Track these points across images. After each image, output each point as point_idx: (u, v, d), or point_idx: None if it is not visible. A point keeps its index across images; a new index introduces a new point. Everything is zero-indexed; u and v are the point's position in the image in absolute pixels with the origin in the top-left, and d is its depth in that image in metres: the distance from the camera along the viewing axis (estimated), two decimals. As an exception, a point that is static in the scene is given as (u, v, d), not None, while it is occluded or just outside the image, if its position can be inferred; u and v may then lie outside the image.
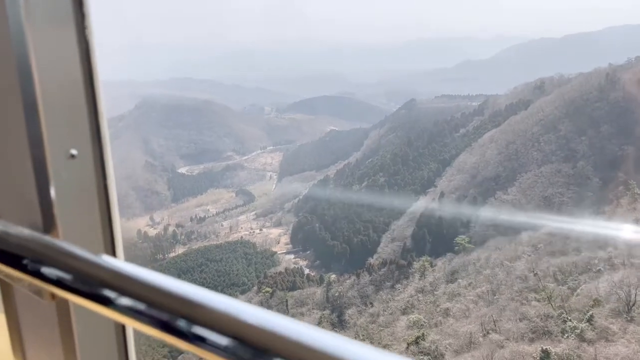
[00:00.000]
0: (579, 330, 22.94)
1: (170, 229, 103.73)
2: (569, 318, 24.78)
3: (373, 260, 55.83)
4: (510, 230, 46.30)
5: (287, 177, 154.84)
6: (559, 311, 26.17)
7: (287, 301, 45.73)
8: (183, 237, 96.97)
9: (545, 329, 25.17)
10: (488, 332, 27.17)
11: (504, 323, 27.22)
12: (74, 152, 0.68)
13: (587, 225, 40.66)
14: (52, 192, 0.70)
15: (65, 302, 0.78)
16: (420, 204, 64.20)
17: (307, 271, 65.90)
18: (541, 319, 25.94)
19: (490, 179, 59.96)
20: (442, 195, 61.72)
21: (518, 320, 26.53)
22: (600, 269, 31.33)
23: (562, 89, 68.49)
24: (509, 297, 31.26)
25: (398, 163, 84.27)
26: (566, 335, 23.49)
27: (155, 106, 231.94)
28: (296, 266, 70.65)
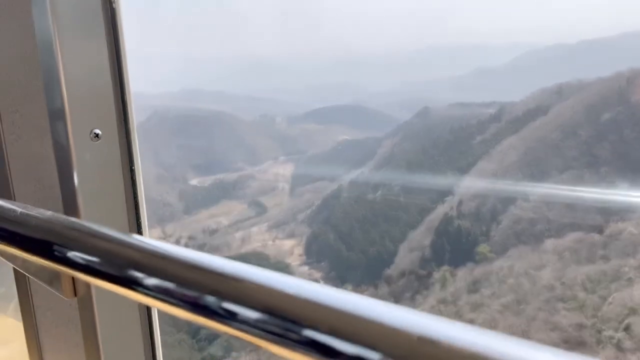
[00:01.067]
0: (615, 340, 22.79)
1: (182, 241, 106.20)
2: (604, 327, 24.62)
3: (391, 271, 55.82)
4: (533, 238, 45.69)
5: (300, 188, 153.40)
6: (592, 320, 25.99)
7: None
8: (195, 249, 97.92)
9: (580, 339, 25.03)
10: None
11: (534, 333, 27.12)
12: (98, 131, 0.68)
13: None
14: (75, 175, 0.67)
15: (88, 299, 0.75)
16: (438, 213, 64.59)
17: (322, 282, 65.71)
18: (574, 328, 25.76)
19: (509, 187, 59.71)
20: (460, 203, 61.80)
21: (549, 331, 26.35)
22: (630, 277, 31.05)
23: (581, 94, 68.17)
24: (537, 307, 31.11)
25: (414, 172, 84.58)
26: (602, 345, 23.34)
27: (167, 118, 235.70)
28: (311, 277, 70.96)
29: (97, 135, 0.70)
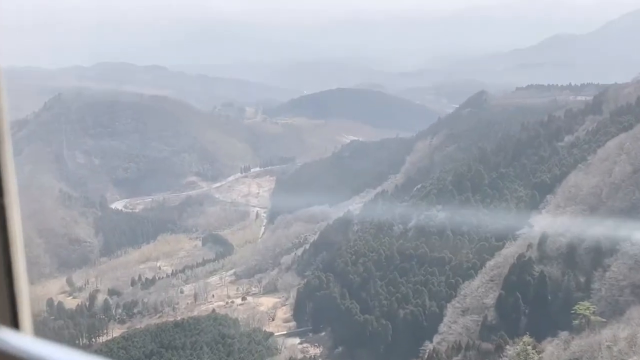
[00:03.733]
0: None
1: (100, 297, 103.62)
2: None
3: (435, 345, 54.42)
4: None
5: (285, 215, 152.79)
6: None
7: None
8: (120, 310, 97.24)
9: None
10: None
11: None
12: None
13: None
14: None
15: None
16: (508, 254, 63.22)
17: (321, 365, 64.14)
18: None
19: (621, 211, 58.77)
20: (543, 238, 60.62)
21: None
22: None
23: None
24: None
25: (466, 189, 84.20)
26: None
27: (77, 106, 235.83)
28: (305, 356, 68.97)
29: None
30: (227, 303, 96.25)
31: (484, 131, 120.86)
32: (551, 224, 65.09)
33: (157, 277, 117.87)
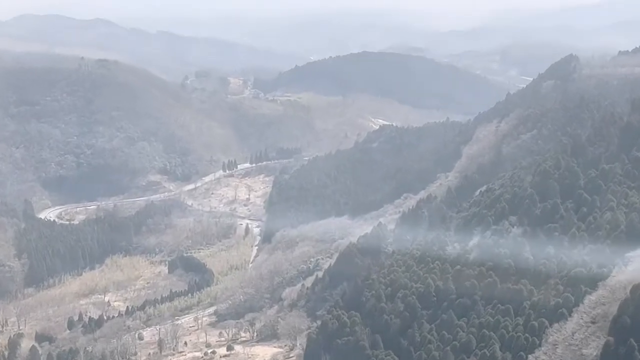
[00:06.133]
0: None
1: (25, 344, 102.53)
2: None
3: None
4: None
5: (286, 231, 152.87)
6: None
7: None
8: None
9: None
10: None
11: None
12: None
13: None
14: None
15: None
16: (616, 285, 62.31)
17: None
18: None
19: None
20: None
21: None
22: None
23: None
24: None
25: (552, 194, 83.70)
26: None
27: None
28: None
29: None
30: (205, 354, 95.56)
31: (575, 112, 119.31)
32: None
33: (105, 317, 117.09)
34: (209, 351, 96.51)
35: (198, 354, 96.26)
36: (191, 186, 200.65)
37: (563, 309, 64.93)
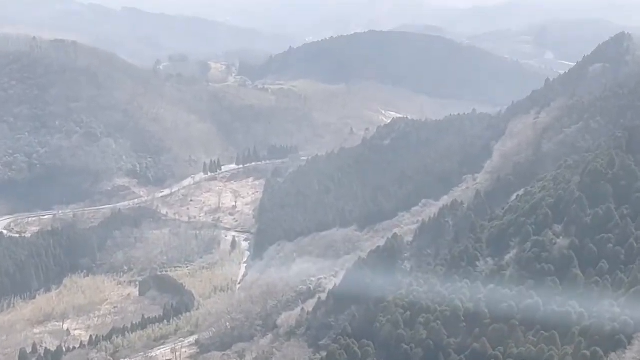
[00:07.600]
0: None
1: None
2: None
3: None
4: None
5: (281, 244, 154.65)
6: None
7: None
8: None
9: None
10: None
11: None
12: None
13: None
14: None
15: None
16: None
17: None
18: None
19: None
20: None
21: None
22: None
23: None
24: None
25: (604, 198, 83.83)
26: None
27: None
28: None
29: None
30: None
31: (630, 100, 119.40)
32: None
33: (64, 348, 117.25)
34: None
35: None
36: (166, 192, 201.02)
37: (621, 335, 64.78)
